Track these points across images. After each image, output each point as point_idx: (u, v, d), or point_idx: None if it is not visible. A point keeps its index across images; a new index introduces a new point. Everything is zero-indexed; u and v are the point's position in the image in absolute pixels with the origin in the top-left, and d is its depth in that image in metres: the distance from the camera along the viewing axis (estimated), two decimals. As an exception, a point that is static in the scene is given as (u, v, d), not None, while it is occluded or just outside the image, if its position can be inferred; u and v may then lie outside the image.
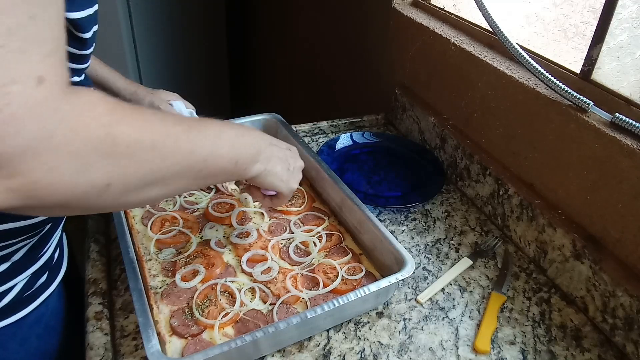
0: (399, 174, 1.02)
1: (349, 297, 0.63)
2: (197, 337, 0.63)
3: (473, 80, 0.94)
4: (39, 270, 0.65)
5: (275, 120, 1.03)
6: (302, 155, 0.94)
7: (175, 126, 0.47)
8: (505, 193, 0.87)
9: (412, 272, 0.68)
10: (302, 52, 1.94)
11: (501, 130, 0.90)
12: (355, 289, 0.66)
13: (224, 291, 0.69)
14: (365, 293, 0.64)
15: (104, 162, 0.39)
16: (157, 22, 2.30)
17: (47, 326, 0.69)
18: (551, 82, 0.76)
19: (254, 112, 1.05)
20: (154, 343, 0.56)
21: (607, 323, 0.70)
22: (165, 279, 0.71)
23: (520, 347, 0.68)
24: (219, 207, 0.85)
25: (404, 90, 1.17)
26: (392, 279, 0.66)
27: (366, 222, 0.77)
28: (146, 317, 0.58)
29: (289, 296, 0.69)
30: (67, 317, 0.74)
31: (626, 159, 0.67)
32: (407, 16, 1.12)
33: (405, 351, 0.66)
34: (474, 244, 0.86)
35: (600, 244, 0.73)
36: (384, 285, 0.66)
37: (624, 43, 0.71)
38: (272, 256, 0.76)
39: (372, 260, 0.77)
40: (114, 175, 0.41)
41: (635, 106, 0.70)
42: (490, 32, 0.95)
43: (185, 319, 0.65)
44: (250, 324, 0.65)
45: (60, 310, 0.72)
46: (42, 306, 0.66)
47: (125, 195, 0.43)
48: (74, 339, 0.73)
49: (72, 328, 0.75)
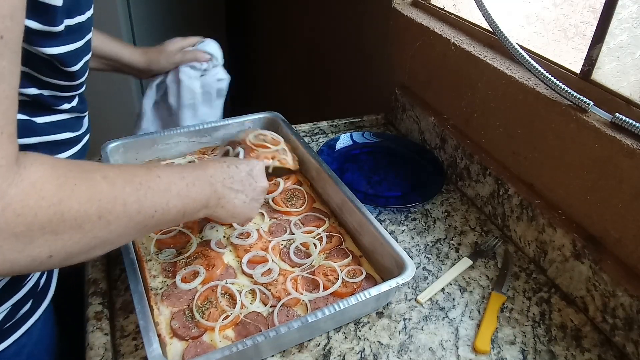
0: (399, 174, 1.02)
1: (350, 301, 0.63)
2: (198, 340, 0.63)
3: (473, 80, 0.94)
4: (22, 299, 0.62)
5: (276, 119, 1.03)
6: (303, 155, 0.94)
7: (124, 188, 0.47)
8: (505, 193, 0.87)
9: (412, 276, 0.67)
10: (302, 52, 1.94)
11: (501, 130, 0.90)
12: (356, 292, 0.65)
13: (224, 293, 0.69)
14: (366, 297, 0.64)
15: (48, 237, 0.40)
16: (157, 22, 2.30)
17: (30, 356, 0.66)
18: (551, 82, 0.76)
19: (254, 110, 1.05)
20: (155, 347, 0.56)
21: (607, 323, 0.70)
22: (165, 280, 0.71)
23: (520, 347, 0.68)
24: None
25: (404, 90, 1.17)
26: (393, 283, 0.66)
27: (366, 224, 0.77)
28: (147, 320, 0.58)
29: (289, 299, 0.69)
30: (53, 344, 0.71)
31: (626, 159, 0.67)
32: (407, 16, 1.12)
33: (405, 351, 0.66)
34: (474, 244, 0.86)
35: (600, 244, 0.73)
36: (384, 289, 0.66)
37: (624, 43, 0.71)
38: (272, 257, 0.76)
39: (372, 262, 0.77)
40: (57, 248, 0.41)
41: (635, 106, 0.70)
42: (490, 32, 0.95)
43: (185, 320, 0.65)
44: (251, 327, 0.65)
45: (45, 337, 0.69)
46: (24, 336, 0.63)
47: (68, 261, 0.44)
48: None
49: (60, 352, 0.72)
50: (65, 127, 0.63)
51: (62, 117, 0.62)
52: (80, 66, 0.58)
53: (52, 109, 0.60)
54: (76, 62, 0.57)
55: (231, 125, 1.01)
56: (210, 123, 0.98)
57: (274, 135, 0.94)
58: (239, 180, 0.66)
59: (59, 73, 0.56)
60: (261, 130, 0.95)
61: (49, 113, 0.60)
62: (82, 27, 0.57)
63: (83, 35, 0.58)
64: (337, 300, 0.64)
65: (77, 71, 0.58)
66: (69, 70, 0.57)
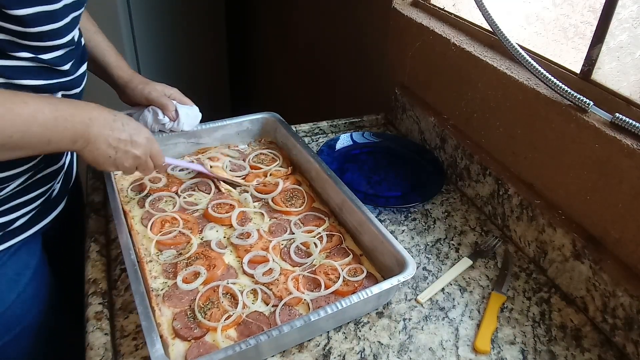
0: (399, 174, 1.02)
1: (352, 300, 0.64)
2: (200, 340, 0.63)
3: (473, 80, 0.94)
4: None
5: (274, 120, 1.03)
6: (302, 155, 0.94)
7: None
8: (505, 193, 0.87)
9: (414, 274, 0.68)
10: (302, 52, 1.94)
11: (501, 130, 0.90)
12: (357, 291, 0.66)
13: (225, 293, 0.69)
14: (368, 295, 0.64)
15: None
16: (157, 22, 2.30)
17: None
18: (551, 82, 0.76)
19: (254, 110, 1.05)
20: (158, 347, 0.56)
21: (607, 323, 0.70)
22: (166, 281, 0.71)
23: (520, 347, 0.68)
24: (219, 207, 0.85)
25: (404, 90, 1.17)
26: (394, 281, 0.66)
27: (366, 223, 0.77)
28: (149, 321, 0.58)
29: (290, 298, 0.69)
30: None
31: (626, 159, 0.67)
32: (407, 16, 1.12)
33: (405, 351, 0.66)
34: (474, 244, 0.86)
35: (600, 244, 0.73)
36: (385, 287, 0.66)
37: (624, 43, 0.71)
38: (273, 257, 0.76)
39: (372, 261, 0.77)
40: None
41: (635, 106, 0.70)
42: (490, 32, 0.95)
43: (187, 321, 0.65)
44: (253, 326, 0.65)
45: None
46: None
47: None
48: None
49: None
50: (29, 74, 0.64)
51: (23, 63, 0.64)
52: (28, 13, 0.59)
53: (8, 54, 0.61)
54: (21, 7, 0.58)
55: (229, 125, 1.01)
56: (209, 124, 0.98)
57: (274, 153, 1.00)
58: (117, 138, 0.68)
59: (4, 16, 0.58)
60: (263, 150, 1.01)
61: (4, 58, 0.62)
62: None
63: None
64: (338, 299, 0.64)
65: (24, 17, 0.59)
66: (12, 14, 0.58)
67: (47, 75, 0.67)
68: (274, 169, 0.96)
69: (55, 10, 0.63)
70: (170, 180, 0.91)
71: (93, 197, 0.88)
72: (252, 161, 0.98)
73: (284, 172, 0.95)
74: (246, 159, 0.98)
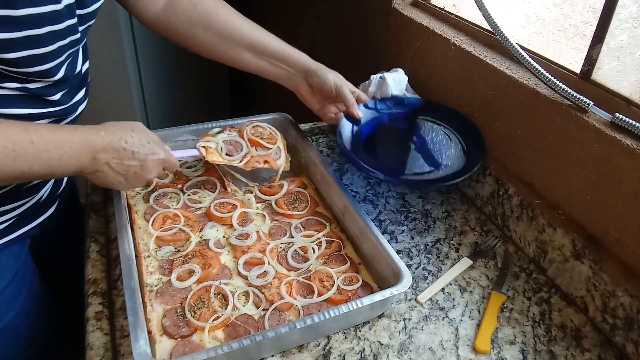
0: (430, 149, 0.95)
1: (341, 309, 0.62)
2: (187, 339, 0.63)
3: (473, 80, 0.94)
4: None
5: (286, 120, 1.03)
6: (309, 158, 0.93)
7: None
8: (505, 193, 0.87)
9: (408, 287, 0.66)
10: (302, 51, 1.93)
11: (501, 130, 0.90)
12: (350, 300, 0.65)
13: (217, 293, 0.69)
14: (358, 306, 0.63)
15: None
16: (157, 22, 2.30)
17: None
18: (551, 82, 0.76)
19: (254, 113, 1.05)
20: (141, 344, 0.55)
21: (607, 323, 0.70)
22: (161, 277, 0.71)
23: (520, 347, 0.68)
24: (222, 207, 0.85)
25: (404, 90, 1.17)
26: (387, 293, 0.65)
27: (366, 232, 0.75)
28: (136, 316, 0.58)
29: (282, 303, 0.68)
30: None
31: (626, 159, 0.67)
32: (407, 16, 1.12)
33: (405, 351, 0.66)
34: (474, 244, 0.86)
35: (600, 244, 0.73)
36: (377, 299, 0.65)
37: (624, 43, 0.71)
38: (269, 260, 0.75)
39: (370, 270, 0.76)
40: None
41: (635, 106, 0.70)
42: (490, 32, 0.95)
43: (177, 319, 0.65)
44: (241, 329, 0.64)
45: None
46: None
47: None
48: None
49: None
50: (17, 103, 0.64)
51: (10, 92, 0.63)
52: (18, 57, 0.59)
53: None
54: (10, 52, 0.58)
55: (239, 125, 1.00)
56: (219, 122, 0.98)
57: (272, 129, 0.95)
58: (126, 165, 0.67)
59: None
60: (260, 122, 0.96)
61: None
62: (27, 20, 0.57)
63: (23, 28, 0.57)
64: (330, 307, 0.64)
65: (12, 59, 0.58)
66: (1, 57, 0.58)
67: (35, 105, 0.66)
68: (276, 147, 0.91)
69: (45, 53, 0.62)
70: (177, 177, 0.91)
71: (93, 197, 0.88)
72: (249, 134, 0.91)
73: (284, 159, 0.91)
74: (243, 135, 0.91)
